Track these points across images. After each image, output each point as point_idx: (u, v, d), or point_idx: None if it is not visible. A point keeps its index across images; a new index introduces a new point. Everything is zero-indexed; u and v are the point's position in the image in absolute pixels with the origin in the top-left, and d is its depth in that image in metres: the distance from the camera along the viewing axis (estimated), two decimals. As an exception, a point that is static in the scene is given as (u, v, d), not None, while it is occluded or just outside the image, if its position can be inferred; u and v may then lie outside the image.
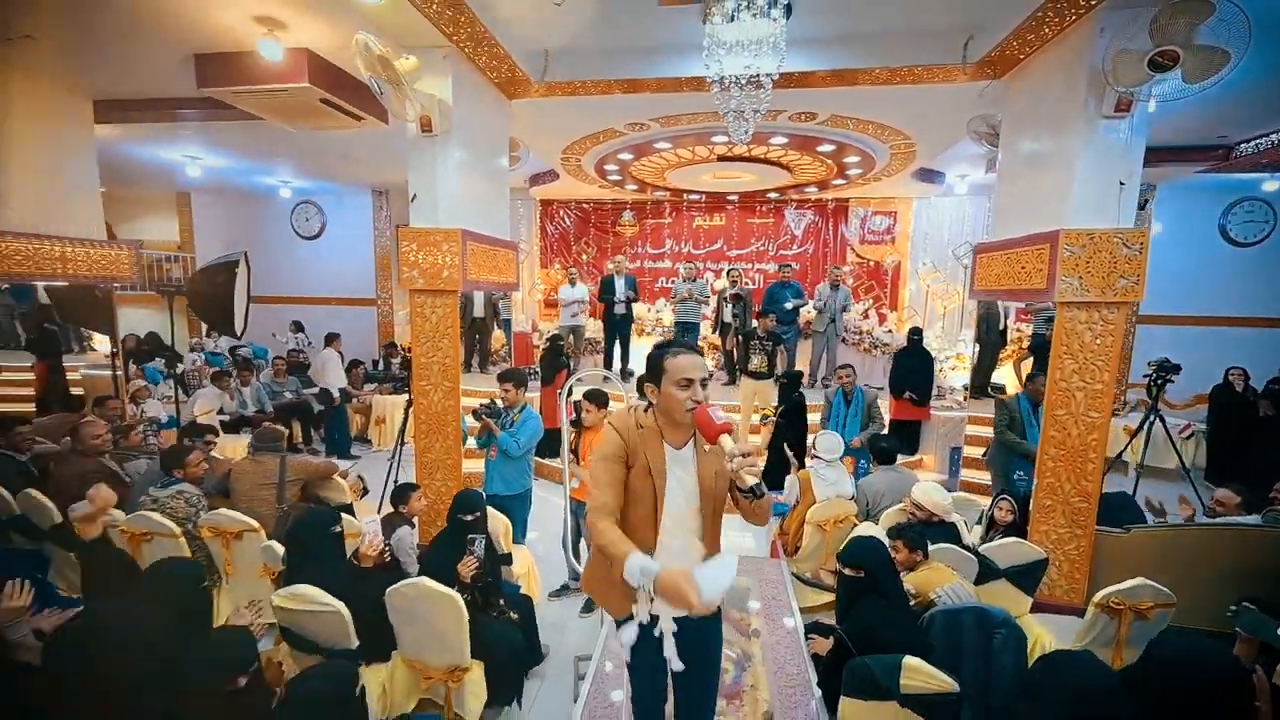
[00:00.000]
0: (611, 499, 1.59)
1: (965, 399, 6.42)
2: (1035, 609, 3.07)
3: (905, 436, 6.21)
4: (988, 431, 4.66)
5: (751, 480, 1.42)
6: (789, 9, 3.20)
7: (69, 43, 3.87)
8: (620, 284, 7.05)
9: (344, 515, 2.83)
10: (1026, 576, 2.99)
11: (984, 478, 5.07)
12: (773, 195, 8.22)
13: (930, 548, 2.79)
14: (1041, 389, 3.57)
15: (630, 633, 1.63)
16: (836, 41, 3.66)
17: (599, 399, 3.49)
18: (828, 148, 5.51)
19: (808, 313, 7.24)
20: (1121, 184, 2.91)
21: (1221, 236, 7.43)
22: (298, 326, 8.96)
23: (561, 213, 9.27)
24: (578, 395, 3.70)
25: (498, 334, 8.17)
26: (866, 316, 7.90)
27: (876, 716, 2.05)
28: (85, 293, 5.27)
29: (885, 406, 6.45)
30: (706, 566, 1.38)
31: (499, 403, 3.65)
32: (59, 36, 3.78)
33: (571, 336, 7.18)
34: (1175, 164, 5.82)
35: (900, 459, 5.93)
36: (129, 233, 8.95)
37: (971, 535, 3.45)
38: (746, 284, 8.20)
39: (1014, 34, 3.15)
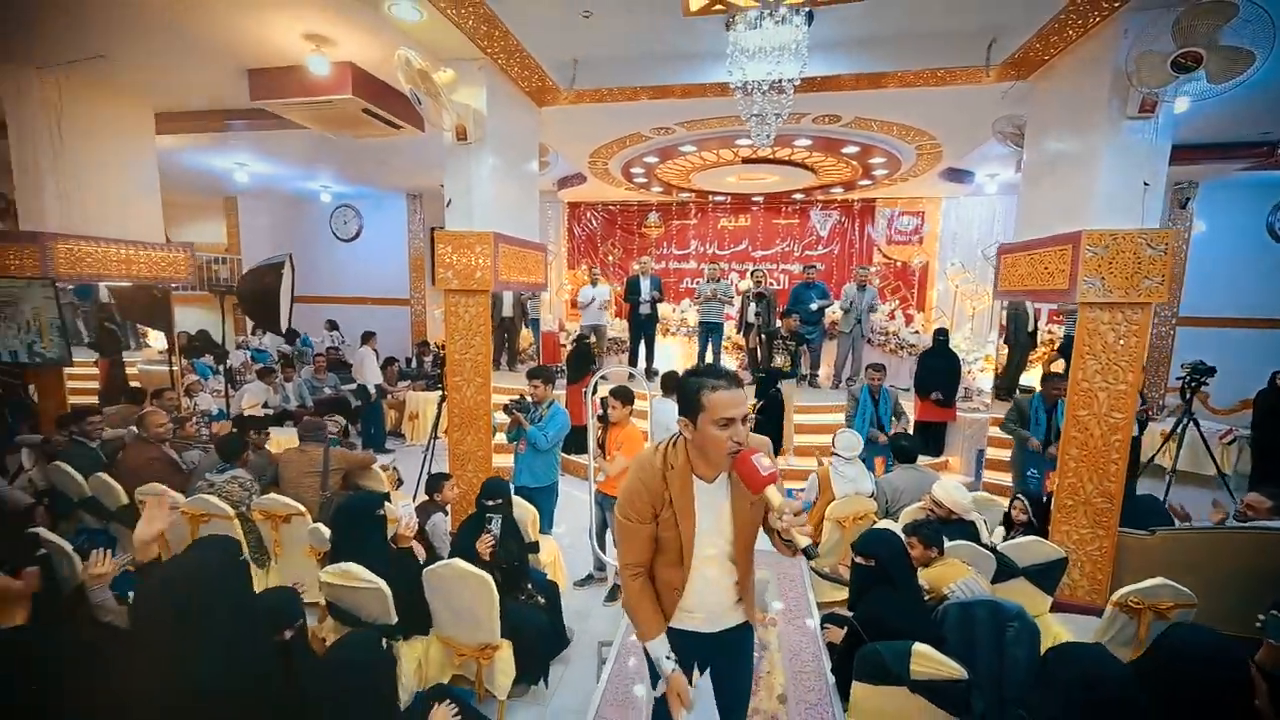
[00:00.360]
0: (639, 557, 1.62)
1: (990, 400, 6.35)
2: (1055, 609, 3.08)
3: (930, 438, 6.19)
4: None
5: (805, 541, 1.34)
6: (810, 16, 3.27)
7: (135, 61, 4.18)
8: (645, 284, 7.17)
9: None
10: (1046, 575, 3.00)
11: (1008, 479, 5.04)
12: (798, 196, 8.24)
13: (947, 544, 2.84)
14: (1054, 390, 3.55)
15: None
16: (859, 45, 3.71)
17: (624, 396, 3.62)
18: (852, 149, 5.54)
19: (833, 313, 7.25)
20: (1146, 184, 2.90)
21: (1269, 235, 7.15)
22: (332, 325, 9.36)
23: (589, 215, 9.45)
24: (604, 393, 3.84)
25: (525, 333, 8.39)
26: (893, 317, 7.86)
27: (887, 701, 2.12)
28: (145, 292, 5.63)
29: (910, 407, 6.44)
30: (703, 706, 1.57)
31: (528, 398, 3.81)
32: (126, 55, 4.09)
33: (594, 335, 7.33)
34: (1217, 161, 5.67)
35: (925, 460, 5.94)
36: (180, 236, 9.43)
37: (994, 536, 3.47)
38: (771, 284, 8.23)
39: (1037, 36, 3.16)
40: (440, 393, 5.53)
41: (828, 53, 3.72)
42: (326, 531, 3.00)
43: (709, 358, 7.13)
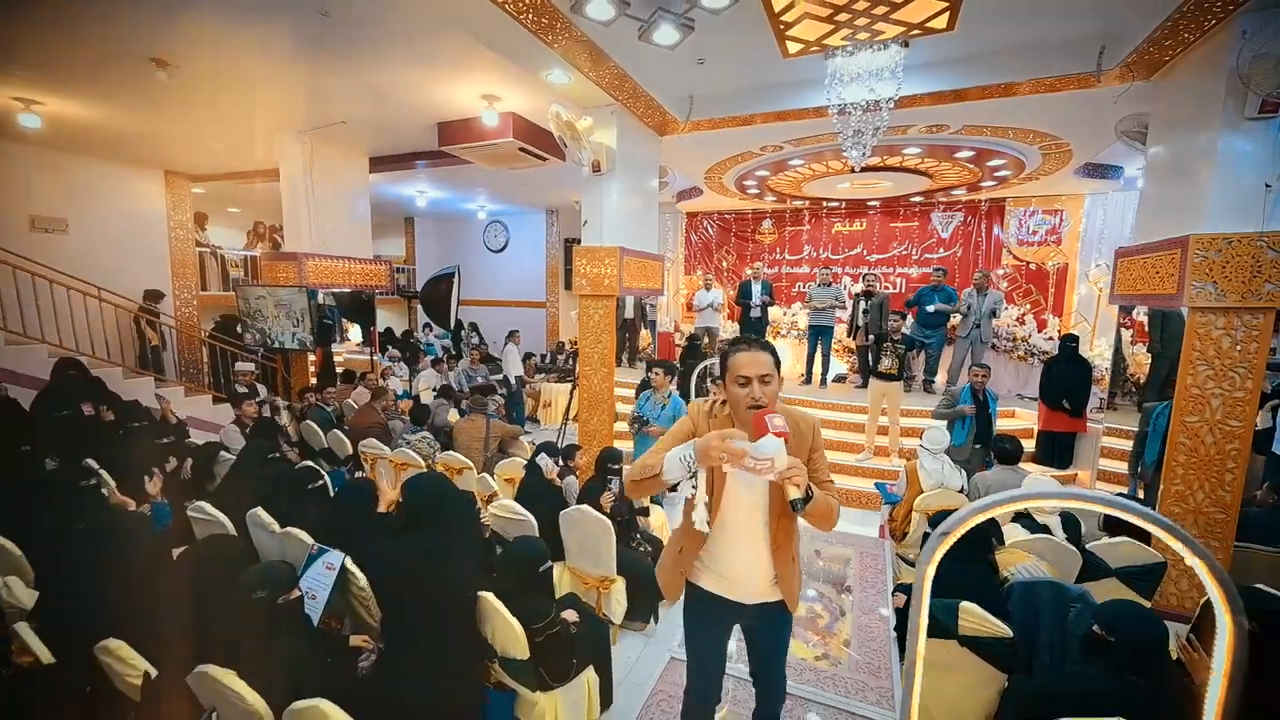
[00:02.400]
0: (653, 460, 1.58)
1: (1103, 409, 5.86)
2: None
3: (1058, 449, 5.90)
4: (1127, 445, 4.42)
5: (795, 493, 1.41)
6: (906, 42, 3.57)
7: (361, 122, 5.56)
8: (756, 289, 7.57)
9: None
10: (1141, 580, 3.01)
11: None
12: (916, 199, 8.10)
13: (1027, 536, 3.01)
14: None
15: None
16: (961, 62, 3.87)
17: (723, 385, 4.15)
18: (966, 154, 5.51)
19: (956, 318, 7.08)
20: (1268, 186, 2.82)
21: None
22: (473, 327, 10.95)
23: (705, 223, 10.02)
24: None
25: (645, 333, 9.18)
26: (1022, 322, 7.44)
27: (940, 653, 2.43)
28: (357, 296, 7.27)
29: (1033, 416, 6.17)
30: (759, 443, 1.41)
31: (650, 383, 4.50)
32: (357, 118, 5.47)
33: (706, 336, 7.89)
34: None
35: (1052, 473, 5.72)
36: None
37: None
38: (886, 288, 8.19)
39: (1149, 41, 3.16)
40: (571, 383, 6.45)
41: (928, 71, 3.94)
42: (491, 479, 3.92)
43: (818, 360, 7.33)
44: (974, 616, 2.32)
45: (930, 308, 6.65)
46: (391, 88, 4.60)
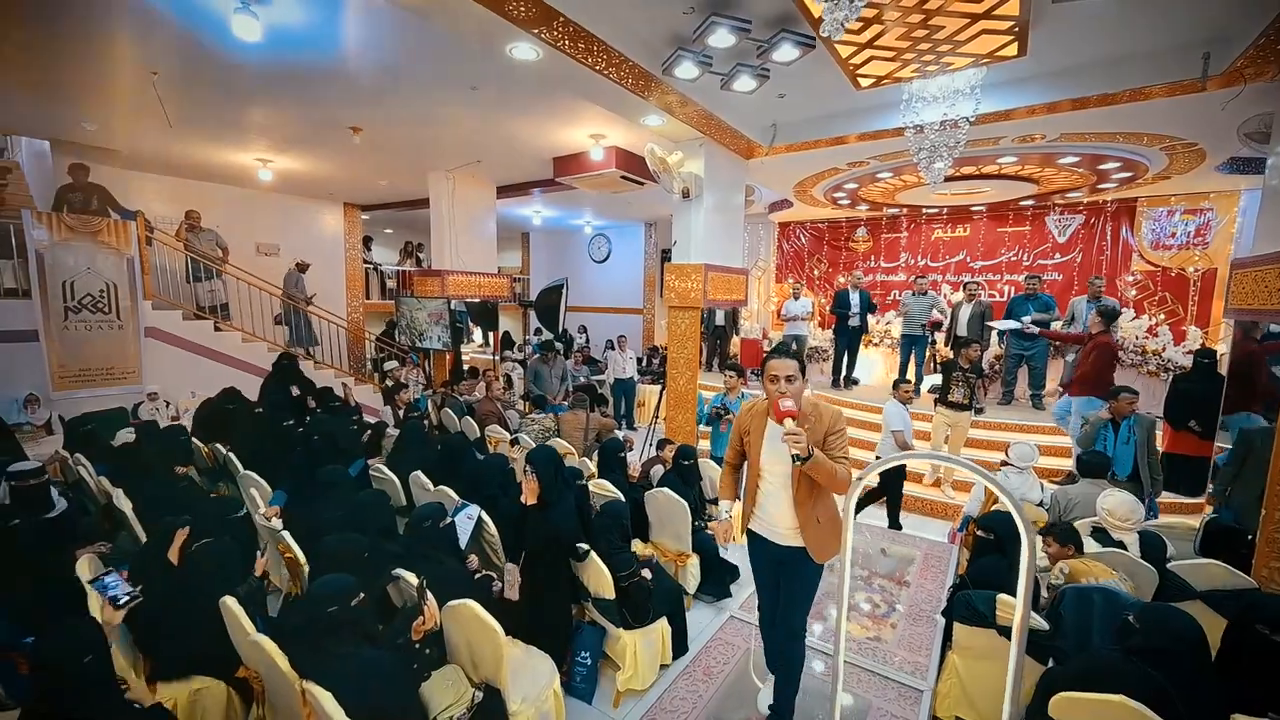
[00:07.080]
0: (731, 456, 2.53)
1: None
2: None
3: (1185, 474, 5.42)
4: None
5: (794, 450, 2.02)
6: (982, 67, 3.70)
7: (493, 160, 6.58)
8: (855, 298, 7.54)
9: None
10: (1230, 605, 2.93)
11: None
12: (1027, 202, 7.67)
13: (1099, 548, 3.05)
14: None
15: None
16: (1046, 77, 3.89)
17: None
18: (1071, 159, 5.30)
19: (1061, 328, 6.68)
20: (1385, 197, 2.66)
21: None
22: (582, 329, 11.91)
23: (798, 232, 10.14)
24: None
25: (735, 340, 9.53)
26: (1154, 334, 6.80)
27: (978, 640, 2.65)
28: (482, 305, 8.44)
29: (1159, 436, 5.71)
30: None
31: (723, 388, 4.95)
32: (490, 157, 6.48)
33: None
34: None
35: (1179, 500, 5.30)
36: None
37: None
38: (992, 295, 7.85)
39: (1256, 47, 3.06)
40: (661, 386, 7.02)
41: (1012, 87, 3.99)
42: (589, 463, 4.61)
43: (911, 369, 7.24)
44: (1009, 606, 2.52)
45: (1026, 319, 6.33)
46: (517, 133, 5.50)
